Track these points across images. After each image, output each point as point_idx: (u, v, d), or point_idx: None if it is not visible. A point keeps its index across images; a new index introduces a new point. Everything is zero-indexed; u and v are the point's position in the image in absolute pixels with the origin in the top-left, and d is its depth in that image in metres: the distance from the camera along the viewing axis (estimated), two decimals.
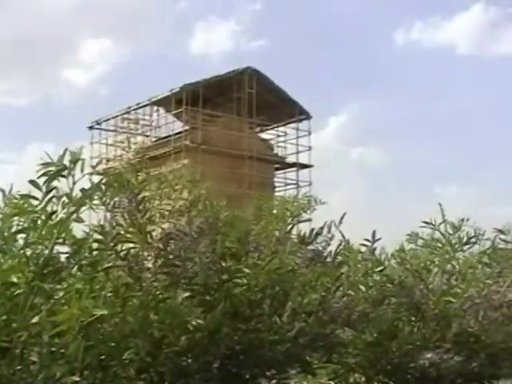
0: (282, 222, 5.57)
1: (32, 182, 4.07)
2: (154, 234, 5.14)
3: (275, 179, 36.68)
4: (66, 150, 4.20)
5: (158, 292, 4.84)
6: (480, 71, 49.30)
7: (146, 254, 4.93)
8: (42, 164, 4.07)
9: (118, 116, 35.86)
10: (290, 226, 5.63)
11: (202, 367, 5.10)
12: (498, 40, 55.43)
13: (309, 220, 5.94)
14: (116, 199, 5.03)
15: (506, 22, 56.74)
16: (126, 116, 35.97)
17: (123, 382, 4.74)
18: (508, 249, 7.09)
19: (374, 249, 6.16)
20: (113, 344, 4.52)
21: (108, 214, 5.06)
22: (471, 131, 46.69)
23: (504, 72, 48.54)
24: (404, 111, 48.88)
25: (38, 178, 4.07)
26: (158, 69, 50.51)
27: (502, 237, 7.11)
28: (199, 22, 58.42)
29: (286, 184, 36.42)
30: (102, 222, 4.95)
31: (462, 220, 6.77)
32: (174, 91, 33.34)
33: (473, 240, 6.79)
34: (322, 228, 5.60)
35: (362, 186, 45.00)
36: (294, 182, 35.99)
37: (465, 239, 6.74)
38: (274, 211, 5.59)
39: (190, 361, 5.07)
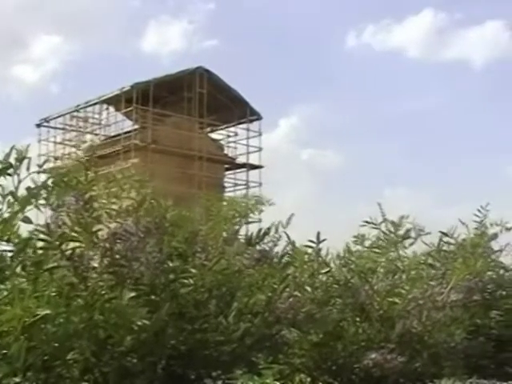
0: (229, 223, 5.58)
1: None
2: (100, 233, 5.10)
3: (225, 179, 36.67)
4: (12, 147, 4.16)
5: (104, 292, 4.81)
6: (429, 74, 50.05)
7: (91, 253, 4.89)
8: None
9: (66, 114, 35.43)
10: (238, 226, 5.65)
11: (147, 368, 5.08)
12: (447, 45, 56.33)
13: (257, 221, 5.97)
14: (62, 198, 4.98)
15: (454, 27, 57.71)
16: (74, 114, 35.57)
17: (67, 383, 4.71)
18: (452, 250, 7.23)
19: (320, 250, 6.22)
20: (56, 344, 4.48)
21: (54, 213, 5.00)
22: (420, 133, 47.34)
23: (451, 75, 49.35)
24: (355, 113, 49.40)
25: None
26: (109, 67, 50.11)
27: (446, 239, 7.25)
28: (151, 20, 58.06)
29: (236, 184, 36.45)
30: (47, 221, 4.90)
31: (402, 217, 6.89)
32: (124, 90, 33.09)
33: (412, 234, 6.91)
34: (269, 229, 5.64)
35: (312, 187, 45.30)
36: (244, 182, 36.03)
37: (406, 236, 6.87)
38: (222, 212, 5.60)
39: (135, 361, 5.04)
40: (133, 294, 4.78)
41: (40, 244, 4.64)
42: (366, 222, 6.95)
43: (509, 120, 47.79)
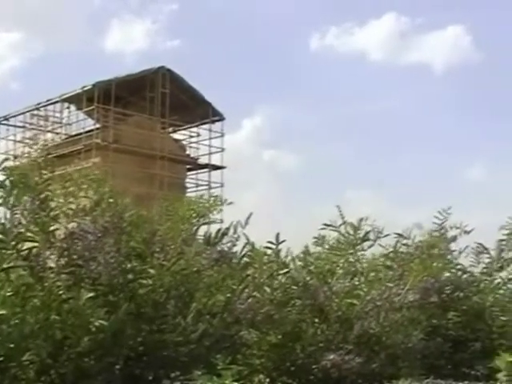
0: (188, 223, 5.57)
1: None
2: (57, 233, 5.06)
3: (187, 180, 36.54)
4: None
5: (61, 292, 4.77)
6: (391, 77, 50.31)
7: (48, 253, 4.85)
8: None
9: (27, 112, 35.01)
10: (196, 226, 5.64)
11: (105, 368, 5.05)
12: (408, 48, 56.62)
13: (218, 221, 5.96)
14: (19, 197, 4.93)
15: (416, 31, 58.12)
16: (35, 112, 35.17)
17: None
18: (409, 252, 7.29)
19: (279, 251, 6.24)
20: (12, 345, 4.44)
21: (10, 212, 4.95)
22: (382, 135, 47.57)
23: (413, 79, 49.73)
24: (318, 114, 49.33)
25: None
26: (71, 65, 49.43)
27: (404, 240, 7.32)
28: (114, 19, 57.37)
29: (198, 185, 36.34)
30: (3, 221, 4.84)
31: (361, 220, 6.94)
32: (85, 88, 32.80)
33: (371, 237, 6.97)
34: (227, 229, 5.63)
35: (274, 188, 45.23)
36: (206, 183, 35.96)
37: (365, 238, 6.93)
38: (180, 212, 5.58)
39: (92, 362, 5.01)
40: (90, 295, 4.75)
41: None
42: (326, 224, 6.99)
43: (468, 122, 48.33)
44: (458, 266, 8.00)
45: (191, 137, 37.84)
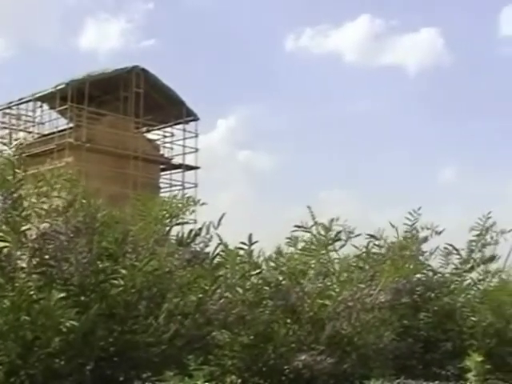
0: (160, 223, 5.56)
1: None
2: (29, 233, 5.03)
3: (161, 180, 36.44)
4: None
5: (32, 292, 4.75)
6: (365, 79, 50.54)
7: (19, 253, 4.82)
8: None
9: None
10: (169, 227, 5.63)
11: (75, 369, 5.03)
12: (382, 50, 56.96)
13: (191, 222, 5.95)
14: None
15: (389, 33, 58.52)
16: (7, 111, 34.90)
17: None
18: (381, 253, 7.34)
19: (252, 251, 6.25)
20: None
21: None
22: (355, 136, 47.74)
23: (387, 80, 50.00)
24: (292, 115, 49.40)
25: None
26: (44, 64, 49.06)
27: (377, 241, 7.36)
28: (88, 18, 56.97)
29: (172, 185, 36.25)
30: None
31: (332, 220, 6.97)
32: (58, 87, 32.58)
33: (342, 236, 7.00)
34: (200, 229, 5.63)
35: (249, 188, 45.29)
36: (180, 183, 35.89)
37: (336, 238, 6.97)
38: (153, 212, 5.56)
39: (62, 363, 4.98)
40: (62, 295, 4.73)
41: None
42: (297, 226, 7.01)
43: (440, 122, 48.68)
44: (429, 268, 8.06)
45: (165, 137, 37.74)
